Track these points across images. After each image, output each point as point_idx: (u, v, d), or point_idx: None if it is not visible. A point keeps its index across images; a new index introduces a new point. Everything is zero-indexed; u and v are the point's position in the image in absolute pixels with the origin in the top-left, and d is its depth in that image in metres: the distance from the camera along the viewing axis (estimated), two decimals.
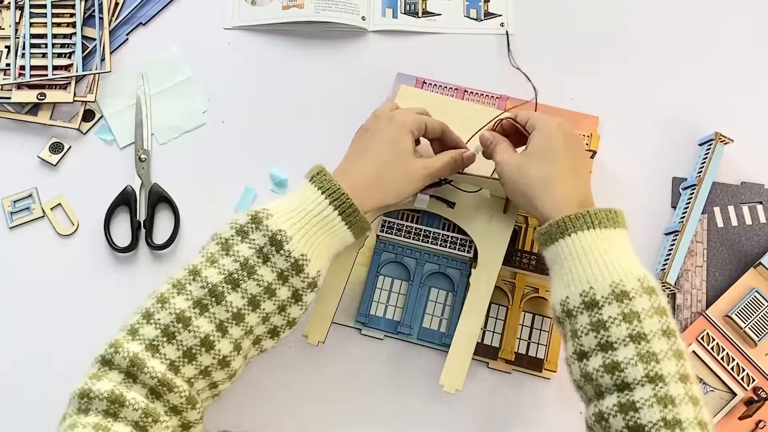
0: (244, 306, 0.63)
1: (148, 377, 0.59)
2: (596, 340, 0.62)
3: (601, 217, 0.65)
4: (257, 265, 0.64)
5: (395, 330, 0.83)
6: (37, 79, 0.91)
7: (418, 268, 0.85)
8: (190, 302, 0.62)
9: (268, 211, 0.66)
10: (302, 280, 0.65)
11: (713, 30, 0.97)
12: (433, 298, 0.84)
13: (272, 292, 0.64)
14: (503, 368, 0.82)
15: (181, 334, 0.61)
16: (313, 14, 0.95)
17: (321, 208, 0.66)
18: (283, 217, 0.65)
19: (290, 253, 0.64)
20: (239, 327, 0.63)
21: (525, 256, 0.83)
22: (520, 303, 0.83)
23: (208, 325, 0.62)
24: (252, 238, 0.65)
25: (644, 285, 0.62)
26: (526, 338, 0.82)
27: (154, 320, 0.61)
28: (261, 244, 0.64)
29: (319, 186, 0.67)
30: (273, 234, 0.64)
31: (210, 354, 0.62)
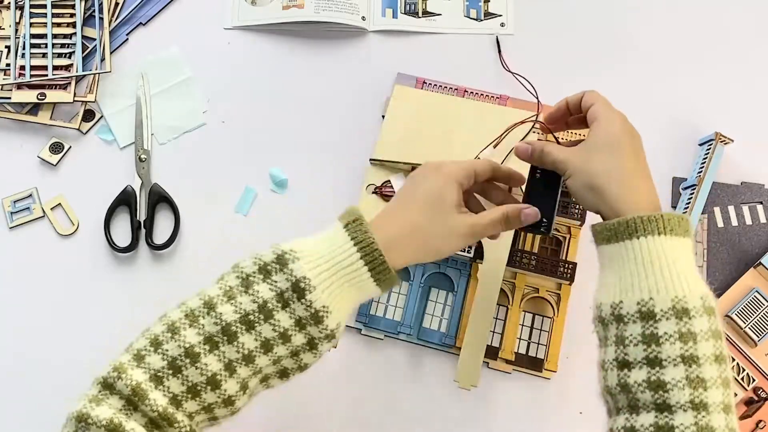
0: (256, 348, 0.60)
1: (149, 409, 0.57)
2: (645, 353, 0.58)
3: (674, 224, 0.61)
4: (276, 310, 0.60)
5: (395, 330, 0.83)
6: (37, 79, 0.91)
7: (418, 268, 0.85)
8: (201, 337, 0.59)
9: (296, 253, 0.61)
10: (320, 331, 0.62)
11: (713, 30, 0.97)
12: (433, 298, 0.84)
13: (287, 337, 0.61)
14: (503, 368, 0.82)
15: (188, 369, 0.58)
16: (313, 14, 0.95)
17: (351, 260, 0.62)
18: (310, 264, 0.61)
19: (311, 303, 0.60)
20: (248, 368, 0.61)
21: (525, 256, 0.83)
22: (520, 303, 0.83)
23: (216, 363, 0.59)
24: (274, 279, 0.61)
25: (706, 304, 0.59)
26: (526, 338, 0.82)
27: (162, 350, 0.59)
28: (283, 288, 0.60)
29: (353, 236, 0.62)
30: (297, 280, 0.60)
31: (215, 393, 0.59)
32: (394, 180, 0.85)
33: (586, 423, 0.80)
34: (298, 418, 0.81)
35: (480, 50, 0.96)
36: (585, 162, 0.66)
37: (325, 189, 0.89)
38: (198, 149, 0.92)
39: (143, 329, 0.61)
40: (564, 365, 0.82)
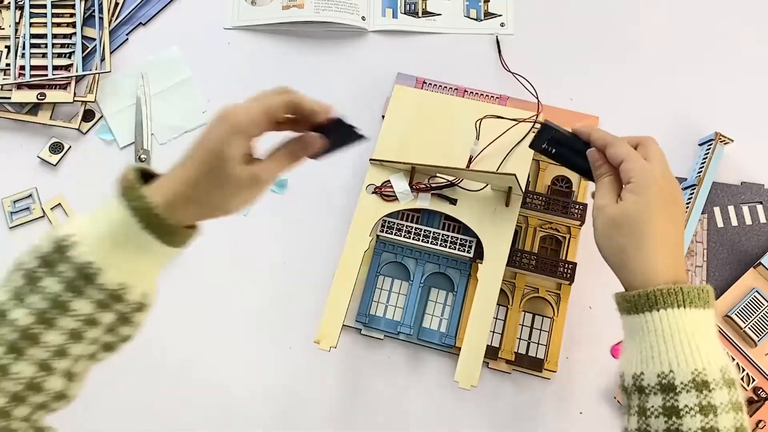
0: (66, 341, 0.57)
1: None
2: (666, 425, 0.58)
3: (693, 296, 0.60)
4: (70, 301, 0.57)
5: (395, 330, 0.83)
6: (37, 79, 0.91)
7: (418, 268, 0.85)
8: (3, 348, 0.56)
9: (73, 237, 0.57)
10: (126, 305, 0.59)
11: (713, 30, 0.97)
12: (433, 298, 0.84)
13: (94, 321, 0.58)
14: (503, 368, 0.82)
15: (2, 382, 0.55)
16: (313, 14, 0.95)
17: (132, 231, 0.57)
18: (90, 246, 0.57)
19: (104, 285, 0.57)
20: (66, 359, 0.58)
21: (525, 256, 0.83)
22: (520, 303, 0.83)
23: (28, 368, 0.56)
24: (59, 270, 0.56)
25: (725, 377, 0.59)
26: (526, 338, 0.82)
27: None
28: (70, 278, 0.56)
29: (129, 204, 0.58)
30: (81, 267, 0.56)
31: (41, 394, 0.57)
32: (393, 180, 0.85)
33: (586, 423, 0.80)
34: (299, 418, 0.81)
35: (480, 50, 0.96)
36: (614, 225, 0.64)
37: (325, 189, 0.89)
38: None
39: None
40: (564, 365, 0.82)
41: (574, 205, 0.84)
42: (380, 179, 0.86)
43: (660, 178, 0.64)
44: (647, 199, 0.63)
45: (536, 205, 0.85)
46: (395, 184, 0.85)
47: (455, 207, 0.83)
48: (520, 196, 0.83)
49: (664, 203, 0.63)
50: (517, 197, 0.83)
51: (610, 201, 0.65)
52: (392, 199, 0.85)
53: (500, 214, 0.82)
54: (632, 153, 0.65)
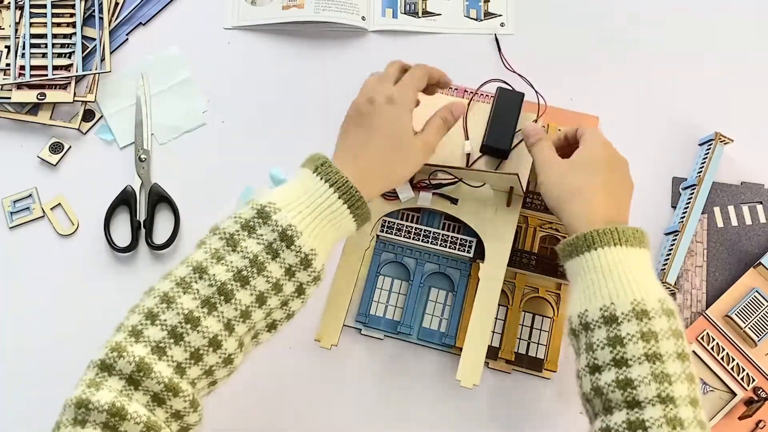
0: (252, 303, 0.62)
1: (154, 383, 0.57)
2: (611, 355, 0.62)
3: (629, 235, 0.66)
4: (267, 261, 0.62)
5: (395, 330, 0.83)
6: (37, 79, 0.91)
7: (418, 268, 0.85)
8: (198, 301, 0.60)
9: (275, 204, 0.64)
10: (309, 275, 0.64)
11: (713, 30, 0.97)
12: (433, 298, 0.84)
13: (279, 287, 0.63)
14: (503, 368, 0.82)
15: (190, 335, 0.59)
16: (313, 14, 0.95)
17: (330, 201, 0.65)
18: (292, 212, 0.63)
19: (300, 248, 0.63)
20: (245, 324, 0.62)
21: (525, 256, 0.83)
22: (520, 303, 0.83)
23: (216, 324, 0.60)
24: (260, 233, 0.62)
25: (664, 306, 0.63)
26: (526, 338, 0.82)
27: (159, 321, 0.59)
28: (270, 240, 0.62)
29: (326, 178, 0.66)
30: (283, 229, 0.62)
31: (216, 353, 0.60)
32: None
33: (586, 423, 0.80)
34: (298, 418, 0.81)
35: (480, 50, 0.96)
36: (561, 175, 0.72)
37: None
38: (198, 149, 0.92)
39: (128, 310, 0.62)
40: (564, 365, 0.82)
41: None
42: None
43: (605, 140, 0.74)
44: (596, 150, 0.72)
45: (536, 204, 0.85)
46: None
47: (456, 207, 0.83)
48: (521, 197, 0.83)
49: (612, 156, 0.73)
50: (519, 197, 0.82)
51: (552, 156, 0.74)
52: (393, 198, 0.85)
53: (502, 214, 0.82)
54: (591, 129, 0.76)
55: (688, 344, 0.64)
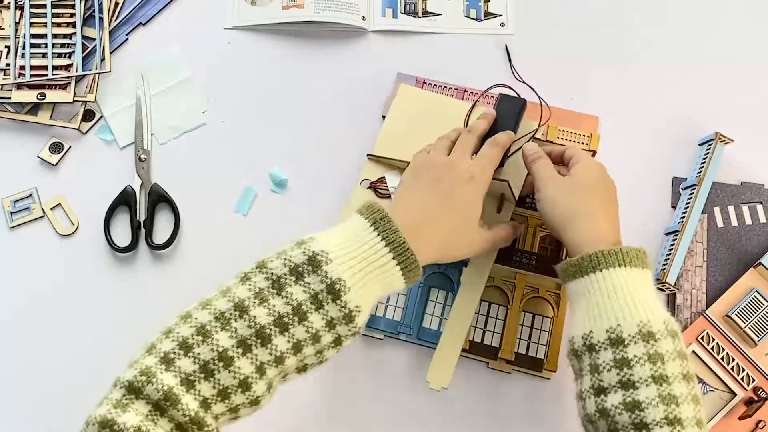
0: (288, 350, 0.61)
1: (180, 414, 0.56)
2: (618, 377, 0.62)
3: (632, 256, 0.66)
4: (310, 311, 0.61)
5: (395, 330, 0.83)
6: (37, 79, 0.91)
7: None
8: (234, 341, 0.59)
9: (328, 255, 0.62)
10: (350, 329, 0.63)
11: (713, 30, 0.97)
12: (433, 298, 0.84)
13: (318, 338, 0.62)
14: (503, 368, 0.82)
15: (221, 373, 0.58)
16: (313, 14, 0.95)
17: (384, 260, 0.63)
18: (343, 265, 0.62)
19: (346, 304, 0.61)
20: (277, 369, 0.61)
21: (525, 256, 0.83)
22: (520, 303, 0.83)
23: (249, 366, 0.59)
24: (308, 281, 0.61)
25: (669, 328, 0.64)
26: (526, 338, 0.82)
27: (193, 354, 0.58)
28: (317, 290, 0.61)
29: (384, 236, 0.64)
30: (332, 282, 0.61)
31: (245, 395, 0.59)
32: (388, 177, 0.85)
33: None
34: (296, 419, 0.81)
35: (480, 50, 0.96)
36: (563, 194, 0.72)
37: (325, 189, 0.89)
38: (198, 149, 0.92)
39: (163, 329, 0.60)
40: (564, 365, 0.82)
41: None
42: (376, 175, 0.85)
43: (598, 163, 0.76)
44: (592, 173, 0.74)
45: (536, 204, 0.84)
46: (390, 181, 0.84)
47: None
48: (512, 204, 0.82)
49: (605, 180, 0.75)
50: (510, 204, 0.82)
51: (553, 174, 0.74)
52: (386, 196, 0.84)
53: (491, 220, 0.81)
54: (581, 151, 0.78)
55: (691, 366, 0.64)
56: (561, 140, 0.87)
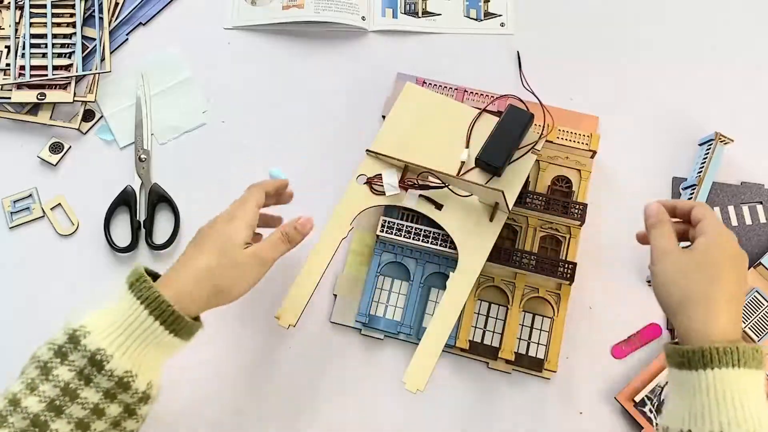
0: (72, 431, 0.60)
1: None
2: None
3: (748, 356, 0.60)
4: (80, 388, 0.61)
5: (395, 330, 0.83)
6: (37, 79, 0.91)
7: (418, 269, 0.85)
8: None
9: (86, 327, 0.62)
10: (131, 396, 0.63)
11: (713, 30, 0.97)
12: (433, 298, 0.84)
13: (101, 411, 0.61)
14: (503, 368, 0.82)
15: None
16: (313, 14, 0.95)
17: (141, 319, 0.63)
18: (101, 334, 0.62)
19: (113, 372, 0.61)
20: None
21: (525, 256, 0.83)
22: (520, 303, 0.83)
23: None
24: (71, 359, 0.61)
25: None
26: (526, 338, 0.82)
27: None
28: (81, 366, 0.61)
29: (138, 295, 0.63)
30: (92, 354, 0.61)
31: None
32: (385, 174, 0.84)
33: (586, 423, 0.80)
34: (298, 418, 0.81)
35: (480, 50, 0.96)
36: (681, 274, 0.64)
37: (325, 189, 0.89)
38: (198, 149, 0.92)
39: None
40: (564, 365, 0.82)
41: (575, 205, 0.84)
42: (372, 171, 0.85)
43: (730, 234, 0.66)
44: (723, 249, 0.64)
45: (536, 205, 0.84)
46: (386, 178, 0.84)
47: (440, 212, 0.83)
48: (505, 214, 0.82)
49: (734, 261, 0.64)
50: (503, 215, 0.82)
51: (675, 246, 0.66)
52: (380, 193, 0.84)
53: (483, 228, 0.81)
54: (710, 213, 0.67)
55: None
56: (561, 140, 0.87)
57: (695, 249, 0.65)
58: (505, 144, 0.82)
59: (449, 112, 0.88)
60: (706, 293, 0.63)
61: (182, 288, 0.65)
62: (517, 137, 0.83)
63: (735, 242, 0.66)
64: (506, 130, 0.83)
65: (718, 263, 0.64)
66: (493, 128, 0.84)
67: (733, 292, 0.63)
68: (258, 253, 0.70)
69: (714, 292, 0.63)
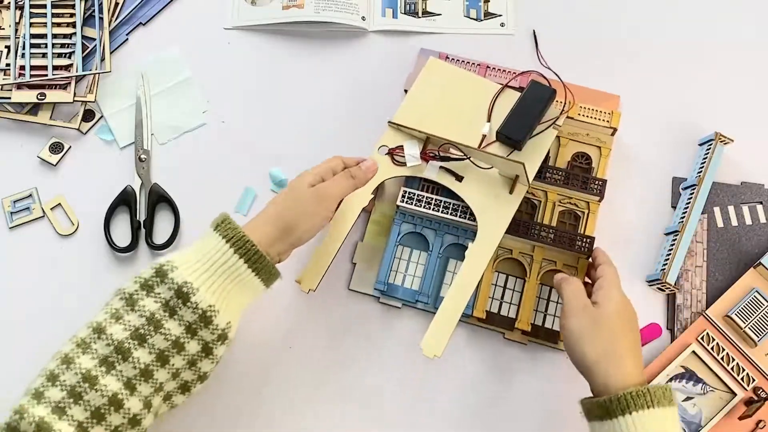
0: (152, 362, 0.62)
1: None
2: None
3: (659, 396, 0.65)
4: (164, 319, 0.63)
5: (413, 299, 0.84)
6: (37, 79, 0.91)
7: (436, 239, 0.85)
8: (95, 361, 0.61)
9: (173, 263, 0.64)
10: (212, 332, 0.64)
11: (713, 29, 0.97)
12: (450, 268, 0.85)
13: (181, 346, 0.63)
14: (519, 339, 0.83)
15: (88, 393, 0.59)
16: (313, 14, 0.95)
17: (227, 257, 0.65)
18: (188, 269, 0.64)
19: (197, 304, 0.63)
20: (148, 384, 0.62)
21: (544, 229, 0.84)
22: (538, 276, 0.83)
23: (115, 383, 0.60)
24: (158, 291, 0.63)
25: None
26: (542, 310, 0.83)
27: (59, 382, 0.60)
28: (167, 298, 0.63)
29: (224, 235, 0.66)
30: (179, 286, 0.63)
31: (120, 413, 0.60)
32: (407, 145, 0.85)
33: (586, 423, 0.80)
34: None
35: (480, 50, 0.96)
36: (590, 331, 0.70)
37: None
38: (198, 149, 0.92)
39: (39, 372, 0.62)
40: None
41: (594, 180, 0.85)
42: (395, 142, 0.86)
43: (621, 297, 0.72)
44: (619, 307, 0.71)
45: (556, 179, 0.85)
46: (408, 149, 0.85)
47: (460, 184, 0.83)
48: (525, 187, 0.82)
49: (628, 319, 0.72)
50: (522, 188, 0.82)
51: (585, 302, 0.72)
52: (401, 164, 0.85)
53: (502, 201, 0.82)
54: (608, 270, 0.75)
55: None
56: (582, 117, 0.88)
57: (598, 302, 0.71)
58: (526, 118, 0.84)
59: (471, 87, 0.88)
60: (614, 349, 0.69)
61: (259, 230, 0.68)
62: (538, 112, 0.84)
63: (629, 302, 0.73)
64: (528, 105, 0.84)
65: (617, 318, 0.70)
66: (515, 103, 0.85)
67: (632, 340, 0.71)
68: (320, 189, 0.73)
69: (619, 347, 0.69)
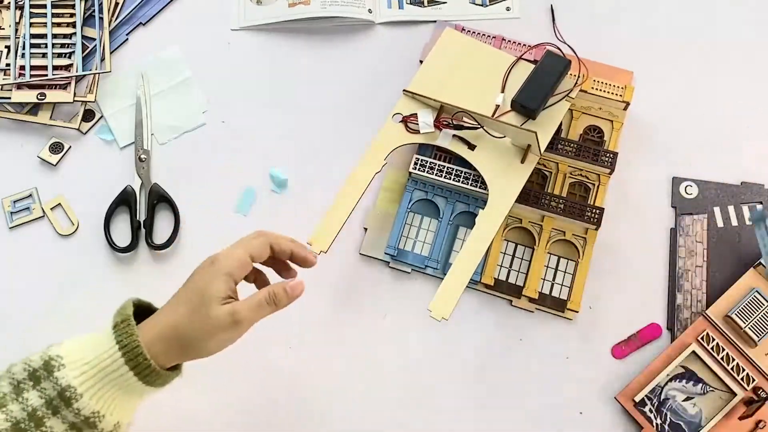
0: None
1: None
2: None
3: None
4: (46, 417, 0.61)
5: (423, 264, 0.85)
6: (37, 79, 0.91)
7: (447, 207, 0.86)
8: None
9: (62, 359, 0.61)
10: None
11: (713, 29, 0.97)
12: (461, 236, 0.86)
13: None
14: (526, 306, 0.83)
15: None
16: (320, 10, 0.95)
17: (115, 366, 0.61)
18: (76, 371, 0.61)
19: (80, 410, 0.61)
20: None
21: (554, 199, 0.84)
22: (546, 245, 0.84)
23: None
24: (43, 386, 0.61)
25: None
26: (550, 279, 0.84)
27: None
28: (51, 396, 0.61)
29: (119, 339, 0.62)
30: (62, 389, 0.60)
31: None
32: (421, 114, 0.85)
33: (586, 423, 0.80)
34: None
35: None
36: None
37: (325, 190, 0.88)
38: (198, 149, 0.92)
39: None
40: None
41: (605, 153, 0.86)
42: (408, 111, 0.86)
43: None
44: None
45: (567, 151, 0.86)
46: (421, 116, 0.85)
47: (472, 152, 0.84)
48: (537, 157, 0.83)
49: None
50: (534, 157, 0.83)
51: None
52: (415, 132, 0.85)
53: (514, 170, 0.83)
54: None
55: None
56: (596, 90, 0.89)
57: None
58: (541, 88, 0.84)
59: (486, 58, 0.89)
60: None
61: (158, 338, 0.63)
62: (552, 83, 0.84)
63: None
64: (543, 75, 0.85)
65: None
66: (530, 73, 0.85)
67: None
68: (235, 314, 0.63)
69: None
